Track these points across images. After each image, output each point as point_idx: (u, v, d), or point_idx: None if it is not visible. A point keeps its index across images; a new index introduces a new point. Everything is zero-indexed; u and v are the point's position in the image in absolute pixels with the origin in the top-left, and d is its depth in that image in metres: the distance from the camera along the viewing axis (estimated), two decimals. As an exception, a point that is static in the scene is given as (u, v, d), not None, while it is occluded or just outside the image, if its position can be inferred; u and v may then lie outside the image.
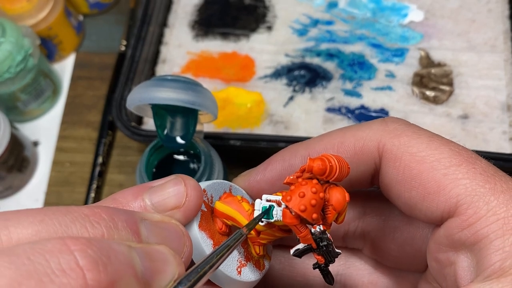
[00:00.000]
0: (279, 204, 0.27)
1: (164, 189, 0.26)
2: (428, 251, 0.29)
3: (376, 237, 0.32)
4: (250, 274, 0.29)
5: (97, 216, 0.22)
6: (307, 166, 0.26)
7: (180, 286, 0.22)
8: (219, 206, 0.29)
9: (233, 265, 0.28)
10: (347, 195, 0.26)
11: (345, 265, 0.34)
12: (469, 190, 0.25)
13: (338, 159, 0.26)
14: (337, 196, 0.26)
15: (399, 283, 0.33)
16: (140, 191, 0.26)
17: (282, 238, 0.29)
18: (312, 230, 0.26)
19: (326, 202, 0.26)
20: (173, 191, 0.26)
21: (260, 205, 0.27)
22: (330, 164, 0.26)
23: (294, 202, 0.25)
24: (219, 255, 0.24)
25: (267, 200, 0.27)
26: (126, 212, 0.23)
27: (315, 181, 0.26)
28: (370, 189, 0.32)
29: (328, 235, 0.26)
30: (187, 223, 0.27)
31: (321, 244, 0.26)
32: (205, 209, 0.28)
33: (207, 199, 0.29)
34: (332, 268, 0.28)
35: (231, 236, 0.26)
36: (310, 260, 0.30)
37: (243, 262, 0.29)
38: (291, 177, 0.27)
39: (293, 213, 0.26)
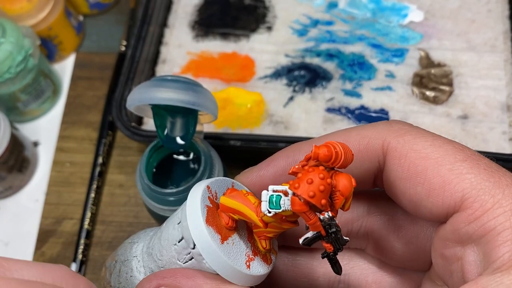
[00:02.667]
0: (286, 194, 0.27)
1: None
2: (433, 249, 0.29)
3: (380, 236, 0.32)
4: (259, 268, 0.29)
5: None
6: (312, 154, 0.26)
7: None
8: (225, 200, 0.28)
9: (241, 260, 0.28)
10: (353, 180, 0.26)
11: (348, 265, 0.34)
12: (474, 184, 0.25)
13: (342, 145, 0.26)
14: (344, 181, 0.26)
15: (403, 282, 0.33)
16: None
17: (285, 238, 0.29)
18: (321, 217, 0.26)
19: (333, 188, 0.26)
20: None
21: (267, 195, 0.27)
22: (336, 150, 0.26)
23: (303, 189, 0.25)
24: None
25: (274, 191, 0.27)
26: None
27: (321, 167, 0.26)
28: (374, 189, 0.32)
29: (337, 221, 0.26)
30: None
31: (330, 231, 0.26)
32: (211, 205, 0.28)
33: (212, 195, 0.29)
34: (335, 267, 0.28)
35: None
36: (314, 260, 0.30)
37: (251, 256, 0.29)
38: (296, 167, 0.27)
39: (302, 200, 0.25)
